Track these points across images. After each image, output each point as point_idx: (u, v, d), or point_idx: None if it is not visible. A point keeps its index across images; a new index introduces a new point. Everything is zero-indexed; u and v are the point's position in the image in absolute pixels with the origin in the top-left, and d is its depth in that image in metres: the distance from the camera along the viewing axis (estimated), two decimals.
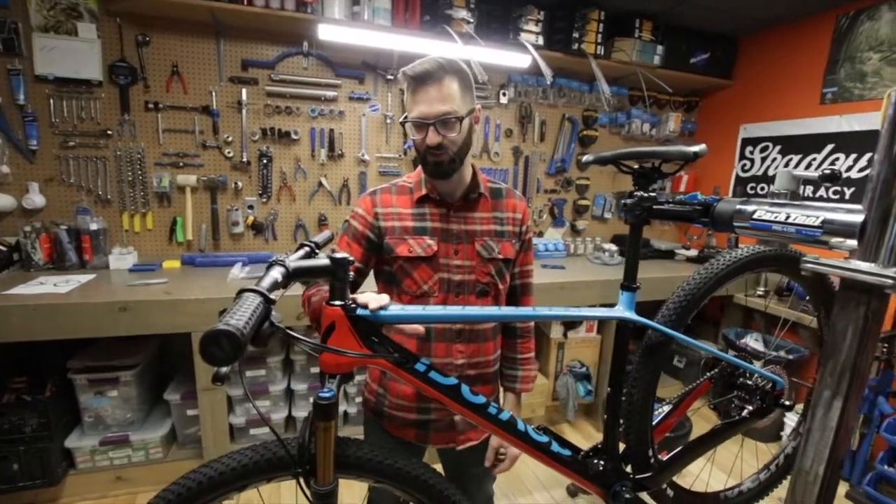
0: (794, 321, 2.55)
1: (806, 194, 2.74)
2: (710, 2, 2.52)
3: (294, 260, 0.76)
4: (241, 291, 0.59)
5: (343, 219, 2.64)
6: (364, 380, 1.23)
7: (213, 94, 2.29)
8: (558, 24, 2.56)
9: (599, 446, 1.08)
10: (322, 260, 0.74)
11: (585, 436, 2.69)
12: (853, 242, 0.56)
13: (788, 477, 1.28)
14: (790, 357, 2.56)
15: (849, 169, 2.51)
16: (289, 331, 0.69)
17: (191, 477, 0.75)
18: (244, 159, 2.38)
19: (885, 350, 2.17)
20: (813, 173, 1.53)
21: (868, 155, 2.43)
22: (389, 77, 2.54)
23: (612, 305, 1.02)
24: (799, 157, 2.75)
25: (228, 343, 0.50)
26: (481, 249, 1.08)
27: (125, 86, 2.17)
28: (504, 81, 2.80)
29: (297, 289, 0.99)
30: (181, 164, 2.30)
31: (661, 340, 0.98)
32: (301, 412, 2.23)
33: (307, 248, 0.86)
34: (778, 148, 2.87)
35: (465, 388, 0.85)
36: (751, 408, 1.13)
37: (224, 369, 0.55)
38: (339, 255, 0.73)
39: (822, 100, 2.63)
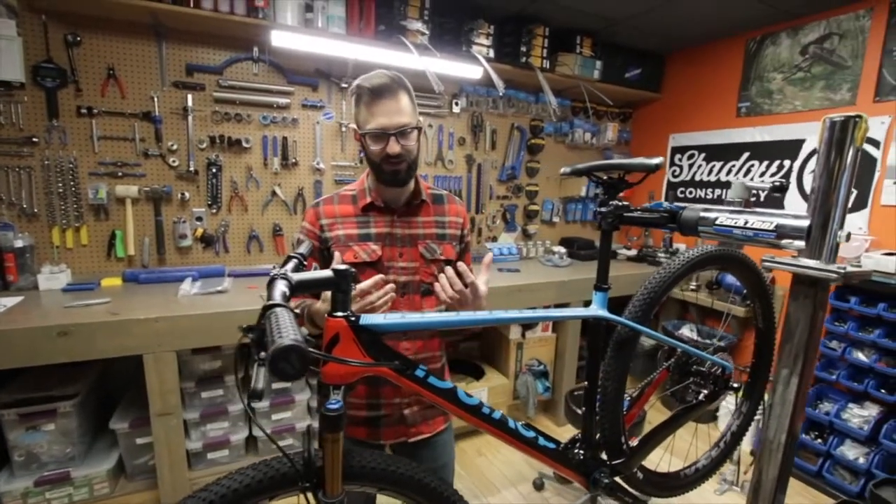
0: (726, 312, 2.83)
1: (727, 196, 3.05)
2: (638, 22, 2.75)
3: (292, 272, 0.77)
4: (269, 308, 0.57)
5: (298, 229, 2.57)
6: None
7: (155, 99, 2.15)
8: (507, 38, 2.68)
9: (578, 438, 1.15)
10: (325, 272, 0.74)
11: (546, 430, 2.80)
12: (801, 243, 0.67)
13: (736, 451, 1.44)
14: (722, 344, 2.83)
15: (762, 174, 2.84)
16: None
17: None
18: (191, 168, 2.26)
19: None
20: (764, 184, 1.73)
21: (777, 162, 2.76)
22: (344, 85, 2.53)
23: (567, 305, 1.15)
24: (721, 163, 3.07)
25: (298, 358, 0.48)
26: (424, 251, 1.16)
27: (53, 89, 1.98)
28: (456, 91, 2.87)
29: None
30: (120, 173, 2.14)
31: (631, 335, 1.07)
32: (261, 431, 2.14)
33: (296, 261, 0.86)
34: (703, 155, 3.19)
35: (460, 392, 0.88)
36: (706, 392, 1.27)
37: (261, 386, 0.54)
38: (341, 266, 0.74)
39: (738, 113, 2.95)
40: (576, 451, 1.11)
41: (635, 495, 1.16)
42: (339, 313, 0.75)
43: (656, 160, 0.98)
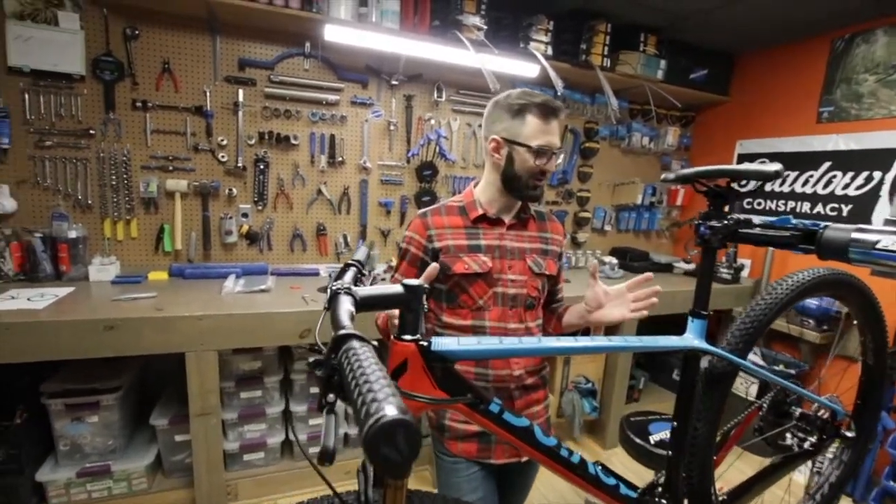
0: (796, 336, 2.58)
1: (802, 209, 2.78)
2: (711, 19, 2.54)
3: (349, 282, 0.66)
4: (342, 339, 0.44)
5: (342, 229, 2.51)
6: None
7: (208, 93, 2.14)
8: (565, 34, 2.53)
9: (658, 483, 1.00)
10: (394, 287, 0.64)
11: (591, 453, 2.63)
12: None
13: None
14: (792, 372, 2.58)
15: (846, 187, 2.57)
16: None
17: None
18: (239, 164, 2.23)
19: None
20: None
21: (865, 173, 2.48)
22: (394, 82, 2.45)
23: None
24: (796, 173, 2.80)
25: (407, 439, 0.31)
26: (532, 265, 1.16)
27: (110, 82, 1.99)
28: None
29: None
30: (171, 167, 2.13)
31: (728, 370, 0.92)
32: (299, 434, 2.08)
33: (355, 269, 0.76)
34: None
35: (537, 430, 0.76)
36: (812, 440, 1.09)
37: (332, 443, 0.44)
38: (412, 281, 0.64)
39: (818, 118, 2.68)
40: (657, 499, 0.97)
41: None
42: (409, 336, 0.64)
43: (774, 167, 0.83)
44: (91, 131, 1.99)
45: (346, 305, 0.56)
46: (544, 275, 1.18)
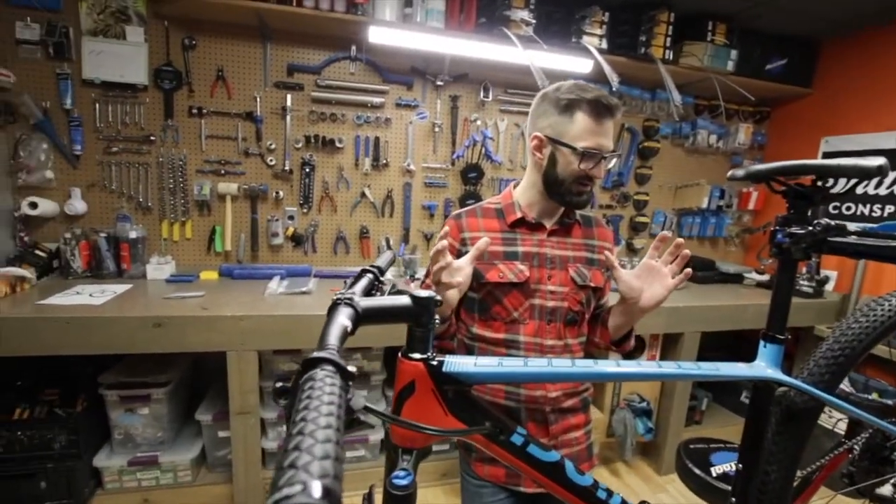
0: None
1: (871, 213, 2.41)
2: (790, 3, 2.27)
3: (361, 295, 0.60)
4: (311, 364, 0.36)
5: (385, 232, 2.50)
6: None
7: (258, 99, 2.20)
8: (622, 26, 2.37)
9: None
10: (400, 298, 0.57)
11: (644, 477, 2.42)
12: None
13: None
14: (889, 402, 2.23)
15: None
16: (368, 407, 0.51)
17: None
18: (286, 167, 2.27)
19: None
20: None
21: None
22: (439, 83, 2.40)
23: (680, 335, 0.95)
24: (894, 174, 2.44)
25: None
26: (575, 276, 1.05)
27: (170, 90, 2.10)
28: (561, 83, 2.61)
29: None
30: (223, 171, 2.21)
31: (811, 406, 0.76)
32: None
33: (371, 276, 0.70)
34: None
35: (569, 466, 0.66)
36: None
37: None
38: (422, 292, 0.56)
39: None
40: None
41: None
42: (417, 354, 0.57)
43: (877, 161, 0.67)
44: (152, 137, 2.10)
45: (341, 319, 0.49)
46: (589, 287, 1.06)
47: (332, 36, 2.23)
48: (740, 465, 0.80)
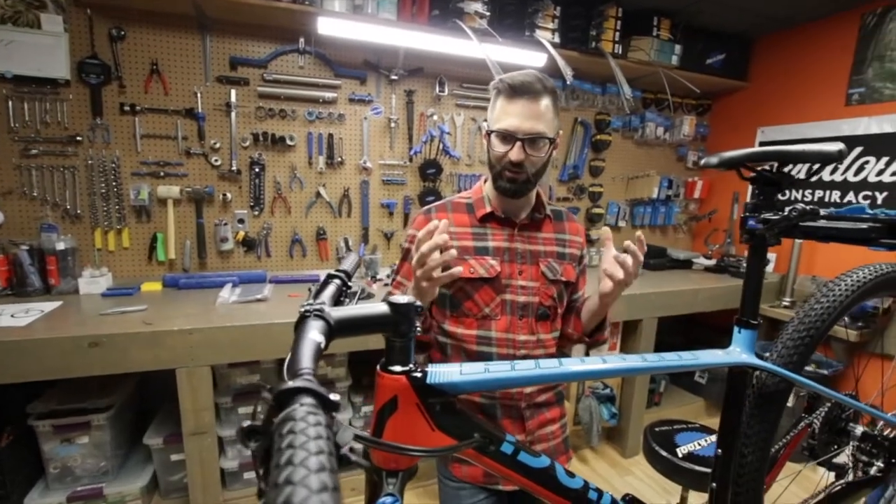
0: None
1: (831, 199, 2.61)
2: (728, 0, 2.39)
3: (331, 304, 0.54)
4: (287, 397, 0.30)
5: (343, 233, 2.40)
6: None
7: (199, 95, 2.04)
8: (574, 20, 2.39)
9: None
10: (377, 307, 0.52)
11: (611, 462, 2.49)
12: None
13: None
14: (825, 372, 2.41)
15: (880, 173, 2.39)
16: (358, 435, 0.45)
17: None
18: (233, 168, 2.13)
19: None
20: None
21: None
22: (394, 77, 2.33)
23: (639, 322, 0.99)
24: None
25: None
26: (546, 270, 1.04)
27: (97, 86, 1.91)
28: None
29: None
30: (162, 173, 2.04)
31: (781, 387, 0.78)
32: None
33: (338, 282, 0.64)
34: None
35: (559, 470, 0.63)
36: (879, 464, 0.94)
37: None
38: (401, 299, 0.52)
39: (847, 101, 2.51)
40: None
41: None
42: (398, 367, 0.52)
43: (838, 146, 0.69)
44: (78, 138, 1.90)
45: (312, 335, 0.43)
46: (560, 281, 1.05)
47: (278, 27, 2.10)
48: (720, 451, 0.81)
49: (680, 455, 1.57)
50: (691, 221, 3.35)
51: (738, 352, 0.78)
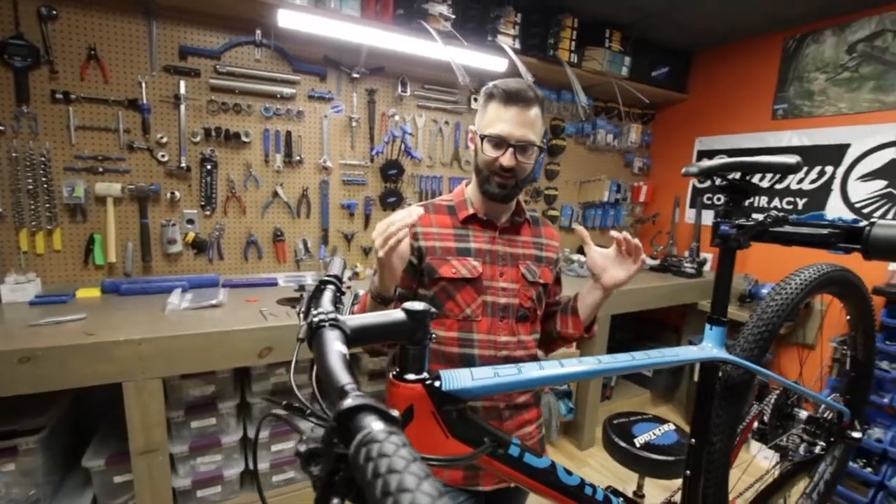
0: None
1: (759, 204, 2.86)
2: (673, 17, 2.55)
3: (331, 308, 0.52)
4: (353, 415, 0.28)
5: (301, 234, 2.32)
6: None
7: (143, 85, 1.89)
8: (533, 28, 2.46)
9: (671, 501, 0.92)
10: (393, 314, 0.50)
11: (567, 455, 2.58)
12: None
13: None
14: None
15: (801, 181, 2.66)
16: None
17: None
18: (182, 164, 1.99)
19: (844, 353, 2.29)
20: None
21: (818, 168, 2.58)
22: (355, 75, 2.28)
23: (594, 319, 1.08)
24: None
25: None
26: (526, 272, 1.07)
27: (23, 69, 1.71)
28: (476, 86, 2.64)
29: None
30: (100, 169, 1.86)
31: (745, 378, 0.85)
32: (260, 464, 1.88)
33: (333, 287, 0.62)
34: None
35: (560, 469, 0.65)
36: (823, 444, 1.05)
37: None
38: (415, 305, 0.51)
39: (773, 115, 2.77)
40: None
41: None
42: (413, 375, 0.51)
43: (795, 158, 0.77)
44: (0, 127, 1.70)
45: (336, 346, 0.42)
46: (539, 283, 1.08)
47: (232, 17, 1.99)
48: (693, 440, 0.87)
49: (638, 445, 1.66)
50: (637, 224, 3.55)
51: (710, 347, 0.84)
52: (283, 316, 1.71)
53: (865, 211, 2.36)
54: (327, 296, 0.61)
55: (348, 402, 0.28)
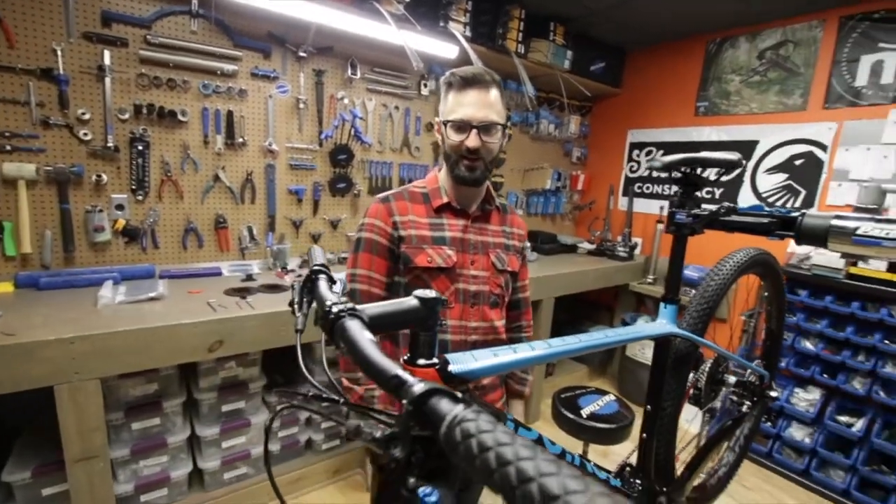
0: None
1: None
2: (616, 14, 2.70)
3: (343, 298, 0.53)
4: (429, 398, 0.30)
5: (246, 221, 2.20)
6: (339, 377, 1.08)
7: (59, 52, 1.68)
8: (483, 17, 2.49)
9: (627, 466, 1.03)
10: (407, 301, 0.52)
11: None
12: None
13: None
14: None
15: (719, 173, 2.94)
16: None
17: None
18: (109, 144, 1.81)
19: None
20: None
21: None
22: (302, 54, 2.18)
23: (539, 303, 1.15)
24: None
25: None
26: (495, 260, 1.10)
27: None
28: (425, 72, 2.63)
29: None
30: (8, 147, 1.64)
31: (691, 350, 0.96)
32: (209, 462, 1.79)
33: (325, 276, 0.63)
34: (661, 152, 3.25)
35: (546, 440, 0.70)
36: (749, 403, 1.21)
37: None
38: (427, 293, 0.52)
39: (696, 112, 3.04)
40: (633, 481, 0.99)
41: None
42: (424, 360, 0.53)
43: (737, 155, 0.88)
44: None
45: (366, 335, 0.42)
46: (507, 271, 1.13)
47: None
48: (649, 407, 0.97)
49: (584, 416, 1.80)
50: (575, 210, 3.76)
51: (664, 323, 0.94)
52: (233, 307, 1.64)
53: (770, 200, 2.69)
54: (324, 286, 0.60)
55: (420, 387, 0.30)
